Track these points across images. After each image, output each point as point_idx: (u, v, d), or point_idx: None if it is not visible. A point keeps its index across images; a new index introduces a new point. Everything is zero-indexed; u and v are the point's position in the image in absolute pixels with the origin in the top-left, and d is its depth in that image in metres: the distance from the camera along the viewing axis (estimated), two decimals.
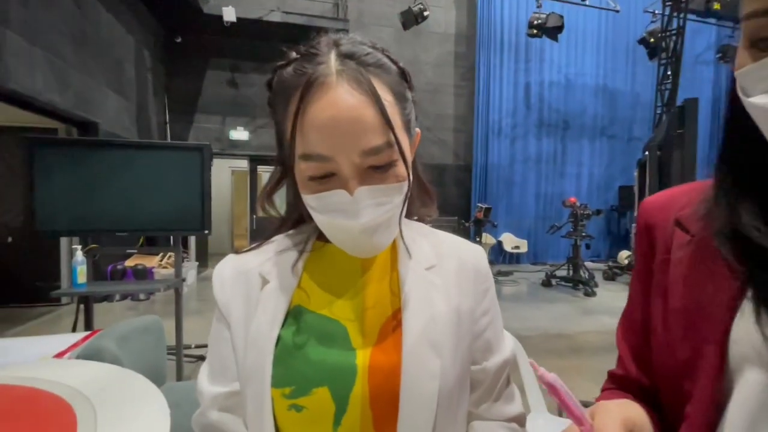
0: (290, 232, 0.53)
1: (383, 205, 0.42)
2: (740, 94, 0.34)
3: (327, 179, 0.42)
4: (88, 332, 1.70)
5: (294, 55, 0.44)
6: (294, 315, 0.47)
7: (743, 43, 0.33)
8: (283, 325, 0.46)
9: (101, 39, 4.44)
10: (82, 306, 2.30)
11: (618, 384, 0.49)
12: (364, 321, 0.47)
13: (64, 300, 4.20)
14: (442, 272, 0.50)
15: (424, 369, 0.44)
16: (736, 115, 0.37)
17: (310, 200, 0.43)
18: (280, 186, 0.52)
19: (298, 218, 0.53)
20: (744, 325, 0.34)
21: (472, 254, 0.53)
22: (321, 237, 0.51)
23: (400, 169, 0.43)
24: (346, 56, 0.42)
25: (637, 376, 0.46)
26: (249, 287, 0.49)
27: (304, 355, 0.45)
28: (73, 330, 2.18)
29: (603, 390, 0.52)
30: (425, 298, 0.47)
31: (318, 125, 0.40)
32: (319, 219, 0.44)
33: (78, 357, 1.24)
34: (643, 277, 0.46)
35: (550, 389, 0.34)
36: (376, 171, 0.42)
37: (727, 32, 7.50)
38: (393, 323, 0.47)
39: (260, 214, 0.61)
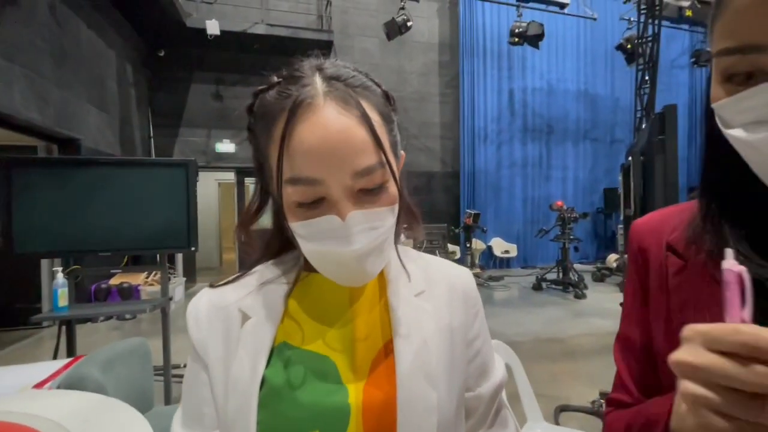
0: (272, 262, 0.50)
1: (376, 229, 0.41)
2: (720, 125, 0.35)
3: (316, 205, 0.40)
4: (70, 359, 1.64)
5: (275, 79, 0.43)
6: (279, 353, 0.44)
7: (716, 78, 0.34)
8: (267, 365, 0.43)
9: (82, 54, 4.38)
10: (64, 328, 2.22)
11: (619, 409, 0.48)
12: (355, 354, 0.45)
13: (45, 323, 4.06)
14: (432, 298, 0.48)
15: (421, 403, 0.42)
16: (713, 142, 0.38)
17: (297, 228, 0.41)
18: (259, 215, 0.49)
19: (280, 247, 0.51)
20: None
21: (461, 278, 0.52)
22: (306, 266, 0.48)
23: (392, 189, 0.42)
24: (331, 78, 0.41)
25: (641, 400, 0.45)
26: (228, 324, 0.46)
27: (292, 398, 0.42)
28: (55, 356, 2.10)
29: (607, 414, 0.51)
30: (417, 327, 0.45)
31: (307, 147, 0.38)
32: (308, 248, 0.42)
33: (59, 386, 1.19)
34: (640, 300, 0.46)
35: (731, 282, 0.28)
36: (367, 194, 0.40)
37: (700, 37, 7.77)
38: (385, 355, 0.45)
39: (235, 242, 0.55)
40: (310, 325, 0.46)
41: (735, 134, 0.33)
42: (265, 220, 0.50)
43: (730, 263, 0.29)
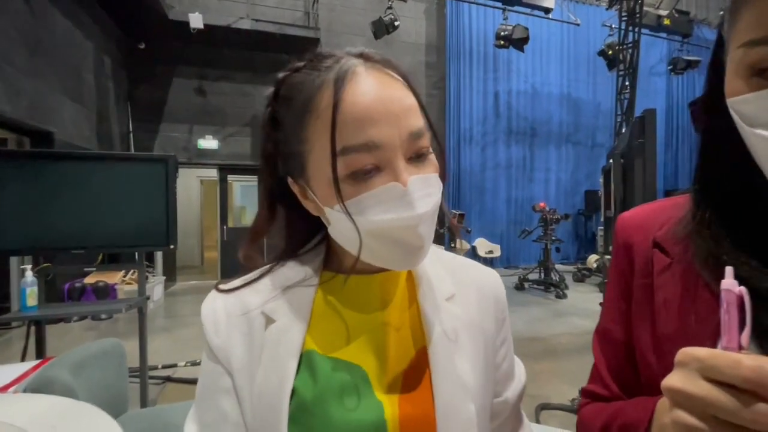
0: (290, 262, 0.46)
1: (431, 196, 0.39)
2: (739, 123, 0.32)
3: (369, 177, 0.37)
4: (38, 360, 1.57)
5: (299, 63, 0.41)
6: (306, 361, 0.41)
7: (738, 71, 0.32)
8: (296, 374, 0.40)
9: (57, 45, 4.21)
10: (33, 330, 2.13)
11: (595, 401, 0.48)
12: (387, 364, 0.42)
13: (14, 323, 3.89)
14: (463, 303, 0.46)
15: (461, 417, 0.40)
16: (713, 140, 0.37)
17: (352, 205, 0.37)
18: (273, 220, 0.45)
19: (299, 245, 0.47)
20: None
21: (491, 282, 0.50)
22: (329, 267, 0.46)
23: (433, 157, 0.40)
24: (361, 55, 0.40)
25: (618, 395, 0.45)
26: (251, 329, 0.42)
27: (323, 413, 0.39)
28: (22, 359, 2.01)
29: (582, 406, 0.51)
30: (450, 334, 0.43)
31: (362, 110, 0.36)
32: (366, 225, 0.37)
33: (26, 390, 1.13)
34: (623, 295, 0.45)
35: (730, 303, 0.26)
36: (414, 161, 0.39)
37: (677, 46, 8.03)
38: (418, 364, 0.42)
39: (244, 260, 0.49)
40: (340, 330, 0.43)
41: (763, 133, 0.30)
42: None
43: (730, 283, 0.27)
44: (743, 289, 0.26)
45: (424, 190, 0.38)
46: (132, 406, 1.57)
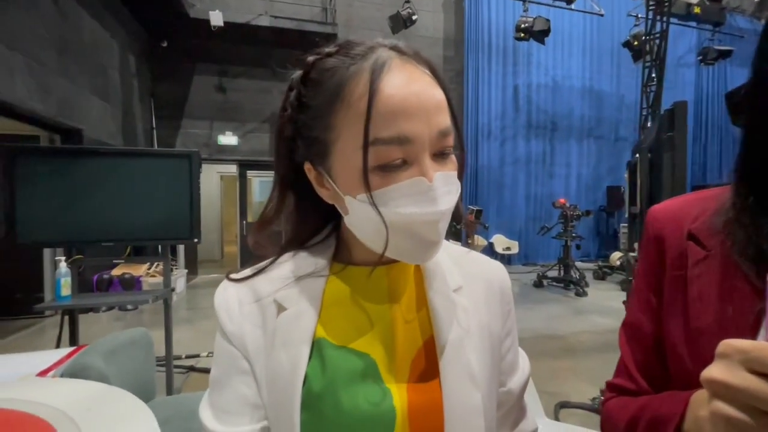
0: (300, 252, 0.47)
1: (451, 194, 0.39)
2: None
3: (395, 169, 0.37)
4: (72, 348, 1.64)
5: (330, 48, 0.41)
6: (317, 349, 0.42)
7: None
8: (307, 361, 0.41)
9: (84, 44, 4.36)
10: (67, 318, 2.23)
11: (621, 395, 0.48)
12: (395, 353, 0.43)
13: (48, 312, 4.07)
14: (470, 294, 0.46)
15: (468, 406, 0.41)
16: (756, 131, 0.36)
17: (376, 196, 0.37)
18: (284, 205, 0.45)
19: (310, 235, 0.48)
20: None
21: (497, 274, 0.50)
22: (339, 258, 0.47)
23: (453, 156, 0.41)
24: (394, 47, 0.40)
25: (645, 389, 0.45)
26: (263, 316, 0.43)
27: (334, 400, 0.40)
28: (57, 345, 2.10)
29: (607, 400, 0.50)
30: (458, 326, 0.44)
31: (397, 104, 0.36)
32: (388, 216, 0.38)
33: (62, 375, 1.19)
34: (652, 289, 0.45)
35: None
36: (438, 158, 0.39)
37: (708, 35, 7.69)
38: (425, 354, 0.43)
39: (254, 247, 0.50)
40: (349, 320, 0.44)
41: None
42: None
43: None
44: None
45: (446, 187, 0.39)
46: (158, 394, 1.63)
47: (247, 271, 0.46)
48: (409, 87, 0.37)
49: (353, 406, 0.40)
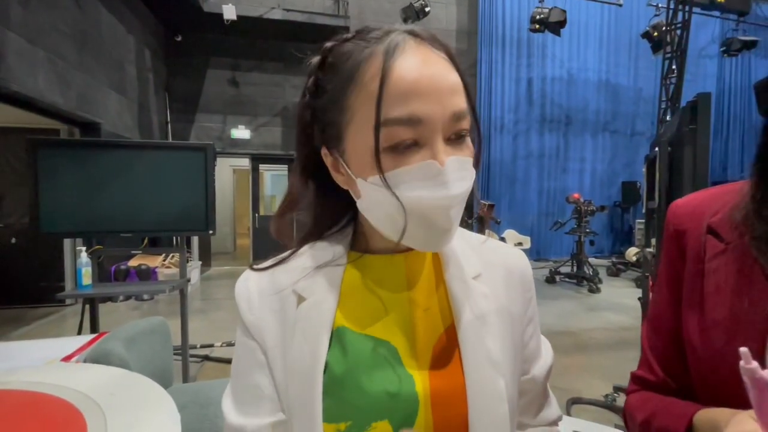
0: (318, 242, 0.47)
1: (465, 180, 0.38)
2: None
3: (407, 151, 0.37)
4: (94, 335, 1.70)
5: (348, 35, 0.41)
6: (337, 337, 0.42)
7: None
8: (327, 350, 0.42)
9: (102, 39, 4.43)
10: (87, 307, 2.30)
11: (643, 386, 0.49)
12: (416, 340, 0.43)
13: (68, 300, 4.21)
14: (489, 281, 0.46)
15: (491, 392, 0.41)
16: None
17: (391, 177, 0.37)
18: (305, 191, 0.46)
19: (329, 225, 0.48)
20: None
21: (518, 261, 0.50)
22: (356, 247, 0.47)
23: (470, 142, 0.40)
24: (410, 31, 0.40)
25: (663, 380, 0.46)
26: (284, 307, 0.44)
27: (356, 385, 0.40)
28: (79, 332, 2.18)
29: (630, 392, 0.51)
30: (478, 312, 0.43)
31: (410, 83, 0.36)
32: (404, 196, 0.37)
33: (86, 360, 1.23)
34: (673, 283, 0.45)
35: (756, 388, 0.27)
36: (452, 142, 0.39)
37: (731, 25, 7.42)
38: (447, 341, 0.43)
39: (275, 234, 0.51)
40: (368, 308, 0.44)
41: None
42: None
43: (754, 366, 0.27)
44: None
45: (459, 172, 0.38)
46: (174, 382, 1.67)
47: (268, 262, 0.47)
48: (422, 68, 0.37)
49: (375, 390, 0.40)
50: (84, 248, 2.18)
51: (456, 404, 0.41)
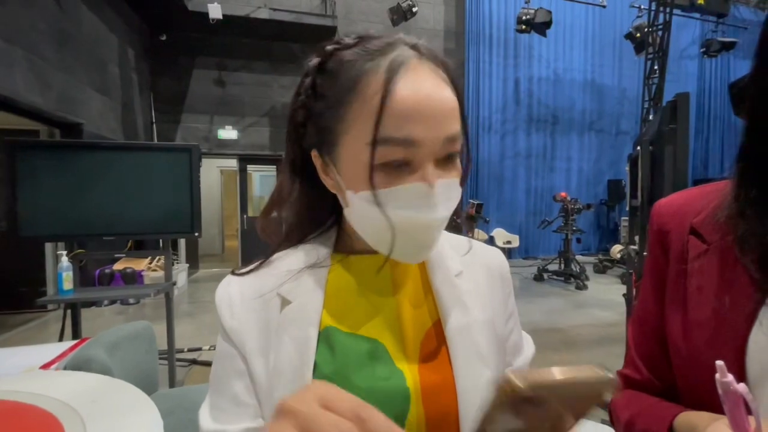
0: (300, 246, 0.47)
1: (451, 200, 0.40)
2: None
3: (398, 170, 0.38)
4: (75, 341, 1.66)
5: (350, 39, 0.41)
6: (325, 338, 0.42)
7: None
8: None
9: (83, 38, 4.33)
10: (69, 312, 2.24)
11: (629, 385, 0.50)
12: (404, 336, 0.44)
13: (50, 306, 4.10)
14: (471, 279, 0.48)
15: (480, 383, 0.42)
16: (760, 120, 0.36)
17: (382, 195, 0.38)
18: (292, 189, 0.46)
19: (311, 229, 0.48)
20: (763, 337, 0.33)
21: (496, 259, 0.52)
22: (339, 248, 0.47)
23: (458, 162, 0.41)
24: (412, 45, 0.40)
25: (649, 379, 0.47)
26: (267, 312, 0.43)
27: (347, 383, 0.40)
28: (60, 339, 2.12)
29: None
30: (462, 308, 0.45)
31: (409, 107, 0.37)
32: (393, 215, 0.38)
33: (66, 367, 1.20)
34: (657, 283, 0.46)
35: (730, 401, 0.27)
36: (442, 163, 0.39)
37: (711, 26, 7.61)
38: (434, 336, 0.44)
39: (261, 231, 0.52)
40: (354, 308, 0.44)
41: None
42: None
43: (742, 386, 0.27)
44: (743, 388, 0.27)
45: (446, 194, 0.39)
46: (160, 387, 1.64)
47: (250, 266, 0.46)
48: (424, 91, 0.37)
49: (367, 387, 0.40)
50: (65, 252, 2.12)
51: (446, 397, 0.41)
